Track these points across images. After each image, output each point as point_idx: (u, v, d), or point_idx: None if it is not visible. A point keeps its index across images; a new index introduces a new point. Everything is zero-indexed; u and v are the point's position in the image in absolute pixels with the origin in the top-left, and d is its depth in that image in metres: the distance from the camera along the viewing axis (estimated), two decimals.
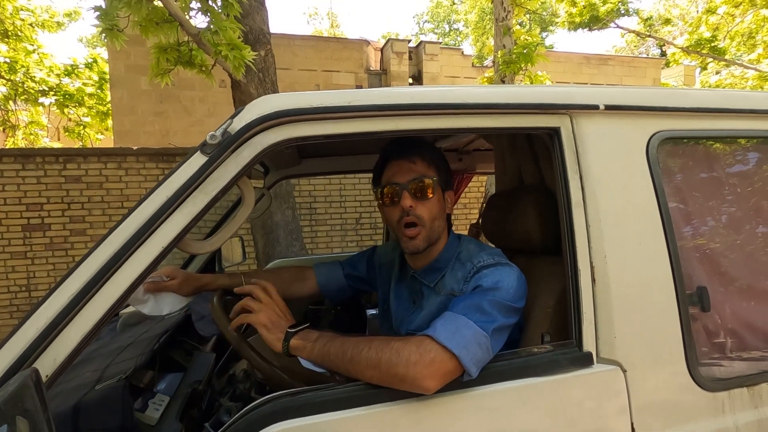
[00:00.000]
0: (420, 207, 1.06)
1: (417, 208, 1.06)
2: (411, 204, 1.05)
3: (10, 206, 5.01)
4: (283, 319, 0.98)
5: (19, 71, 8.06)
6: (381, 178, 1.12)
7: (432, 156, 1.11)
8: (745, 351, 1.07)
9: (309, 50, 8.80)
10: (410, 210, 1.05)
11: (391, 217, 1.09)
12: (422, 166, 1.08)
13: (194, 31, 3.09)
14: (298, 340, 0.92)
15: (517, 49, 5.55)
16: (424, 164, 1.09)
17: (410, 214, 1.05)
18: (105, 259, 0.74)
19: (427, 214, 1.07)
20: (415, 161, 1.08)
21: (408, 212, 1.05)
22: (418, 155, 1.09)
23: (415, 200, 1.06)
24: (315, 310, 1.99)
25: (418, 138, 1.12)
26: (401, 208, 1.06)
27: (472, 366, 0.83)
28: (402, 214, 1.06)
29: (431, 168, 1.10)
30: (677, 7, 12.96)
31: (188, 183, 0.78)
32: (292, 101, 0.82)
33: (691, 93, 1.08)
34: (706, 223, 1.10)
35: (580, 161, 0.96)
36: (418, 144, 1.11)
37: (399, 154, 1.09)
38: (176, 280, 1.19)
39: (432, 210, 1.08)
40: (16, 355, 0.69)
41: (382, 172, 1.12)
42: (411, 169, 1.07)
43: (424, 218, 1.06)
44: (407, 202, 1.05)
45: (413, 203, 1.06)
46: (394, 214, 1.08)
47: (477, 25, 21.18)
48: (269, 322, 0.96)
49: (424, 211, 1.06)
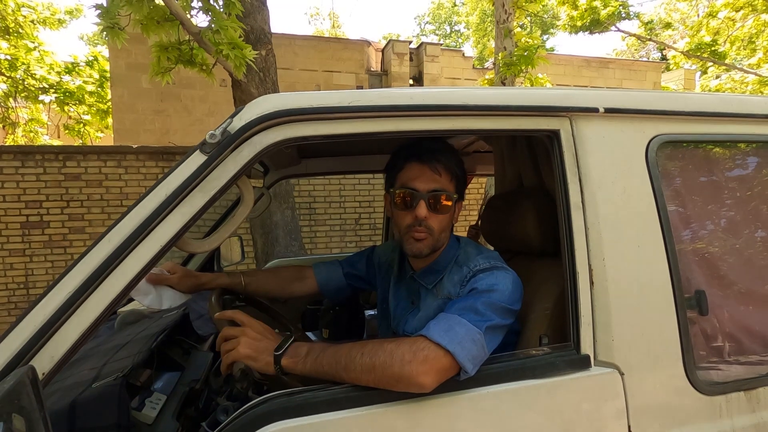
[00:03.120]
0: (433, 219, 1.04)
1: (430, 219, 1.03)
2: (426, 215, 1.02)
3: (9, 203, 5.00)
4: (265, 340, 0.91)
5: (20, 68, 8.05)
6: (398, 177, 1.07)
7: (456, 167, 1.07)
8: (742, 355, 1.07)
9: (310, 50, 8.80)
10: (424, 220, 1.03)
11: (401, 220, 1.06)
12: (446, 178, 1.04)
13: (195, 29, 3.09)
14: (289, 359, 0.87)
15: (517, 51, 5.55)
16: (447, 176, 1.05)
17: (422, 224, 1.03)
18: (103, 257, 0.74)
19: (438, 226, 1.05)
20: (440, 171, 1.03)
21: (421, 222, 1.03)
22: (443, 165, 1.04)
23: (431, 212, 1.03)
24: (313, 310, 1.99)
25: (445, 143, 1.09)
26: (415, 215, 1.03)
27: (468, 362, 0.83)
28: (414, 222, 1.03)
29: (453, 181, 1.06)
30: (678, 11, 12.99)
31: (187, 182, 0.78)
32: (292, 101, 0.82)
33: (691, 97, 1.08)
34: (705, 227, 1.10)
35: (579, 164, 0.96)
36: (445, 151, 1.06)
37: (424, 159, 1.04)
38: (176, 275, 1.19)
39: (443, 223, 1.06)
40: (13, 352, 0.69)
41: (400, 170, 1.07)
42: (434, 178, 1.03)
43: (434, 229, 1.04)
44: (423, 212, 1.02)
45: (428, 214, 1.03)
46: (405, 219, 1.05)
47: (478, 27, 21.22)
48: (253, 351, 0.89)
49: (436, 223, 1.04)
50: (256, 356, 0.89)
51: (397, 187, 1.06)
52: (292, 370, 0.87)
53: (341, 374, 0.84)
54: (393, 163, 1.10)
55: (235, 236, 2.01)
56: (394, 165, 1.10)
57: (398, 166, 1.08)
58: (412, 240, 1.05)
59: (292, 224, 4.23)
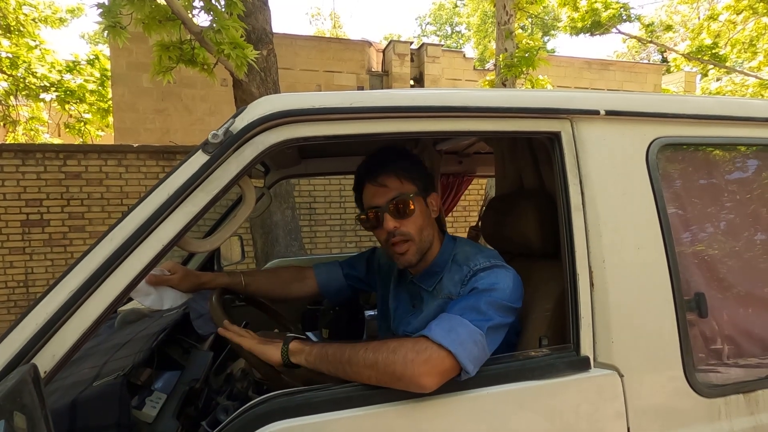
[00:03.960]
0: (405, 224, 1.06)
1: (402, 226, 1.06)
2: (395, 225, 1.05)
3: (10, 201, 5.00)
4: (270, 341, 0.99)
5: (21, 67, 8.05)
6: (362, 201, 1.13)
7: (405, 169, 1.09)
8: (741, 357, 1.07)
9: (311, 50, 8.81)
10: (395, 230, 1.05)
11: (380, 238, 1.11)
12: (396, 184, 1.07)
13: (197, 29, 3.09)
14: (297, 344, 0.93)
15: (518, 52, 5.56)
16: (397, 181, 1.07)
17: (396, 234, 1.06)
18: (105, 256, 0.74)
19: (413, 228, 1.07)
20: (385, 183, 1.07)
21: (394, 233, 1.05)
22: (388, 175, 1.07)
23: (398, 219, 1.06)
24: (313, 310, 1.99)
25: (386, 153, 1.11)
26: (386, 230, 1.06)
27: (469, 363, 0.83)
28: (389, 235, 1.06)
29: (406, 182, 1.08)
30: (679, 13, 12.99)
31: (189, 181, 0.78)
32: (294, 101, 0.83)
33: (691, 100, 1.09)
34: (705, 230, 1.11)
35: (580, 166, 0.96)
36: (386, 161, 1.09)
37: (370, 177, 1.08)
38: (177, 275, 1.19)
39: (417, 223, 1.08)
40: (15, 350, 0.69)
41: (361, 194, 1.13)
42: (385, 191, 1.06)
43: (411, 233, 1.07)
44: (390, 224, 1.05)
45: (397, 223, 1.05)
46: (381, 235, 1.09)
47: (479, 28, 21.22)
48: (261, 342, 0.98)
49: (410, 227, 1.07)
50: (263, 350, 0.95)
51: (363, 211, 1.11)
52: (298, 356, 0.92)
53: (344, 366, 0.85)
54: (355, 190, 1.15)
55: (235, 236, 2.02)
56: (356, 192, 1.15)
57: (359, 191, 1.13)
58: (397, 255, 1.09)
59: (292, 224, 4.23)
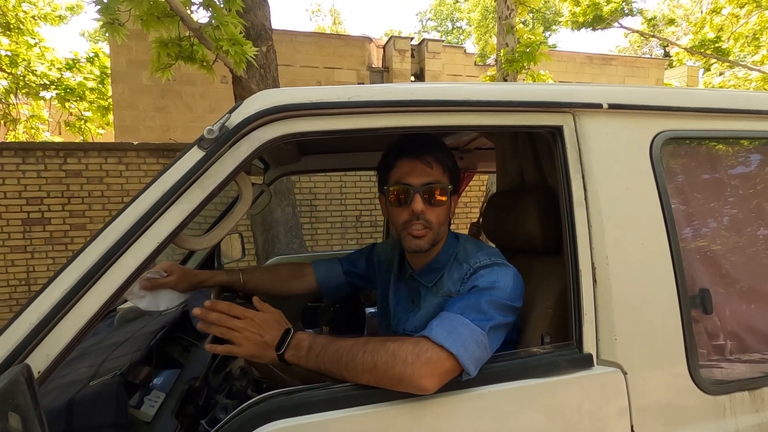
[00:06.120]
0: (431, 212, 1.03)
1: (427, 213, 1.03)
2: (422, 209, 1.02)
3: (10, 200, 5.00)
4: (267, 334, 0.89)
5: (21, 65, 8.04)
6: (390, 175, 1.07)
7: (447, 160, 1.07)
8: (746, 354, 1.06)
9: (311, 47, 8.78)
10: (421, 215, 1.02)
11: (398, 217, 1.06)
12: (438, 171, 1.04)
13: (195, 25, 3.07)
14: (291, 353, 0.87)
15: (519, 47, 5.53)
16: (440, 168, 1.04)
17: (420, 218, 1.02)
18: (99, 254, 0.73)
19: (436, 219, 1.04)
20: (432, 164, 1.03)
21: (418, 216, 1.02)
22: (434, 158, 1.04)
23: (427, 205, 1.03)
24: (313, 308, 1.98)
25: (434, 137, 1.08)
26: (411, 210, 1.02)
27: (471, 364, 0.82)
28: (411, 217, 1.03)
29: (446, 173, 1.06)
30: (681, 7, 12.91)
31: (185, 178, 0.77)
32: (291, 96, 0.81)
33: (695, 93, 1.07)
34: (709, 225, 1.09)
35: (582, 160, 0.95)
36: (434, 145, 1.06)
37: (414, 154, 1.04)
38: (173, 276, 1.17)
39: (441, 216, 1.05)
40: (8, 350, 0.68)
41: (392, 168, 1.07)
42: (426, 172, 1.03)
43: (433, 223, 1.04)
44: (419, 206, 1.01)
45: (425, 208, 1.02)
46: (401, 215, 1.05)
47: (480, 23, 21.12)
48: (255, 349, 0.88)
49: (434, 217, 1.04)
50: (260, 354, 0.89)
51: (391, 184, 1.06)
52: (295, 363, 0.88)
53: (342, 372, 0.83)
54: (384, 162, 1.10)
55: (236, 233, 2.01)
56: (385, 164, 1.10)
57: (390, 165, 1.08)
58: (410, 237, 1.04)
59: (292, 221, 4.22)
